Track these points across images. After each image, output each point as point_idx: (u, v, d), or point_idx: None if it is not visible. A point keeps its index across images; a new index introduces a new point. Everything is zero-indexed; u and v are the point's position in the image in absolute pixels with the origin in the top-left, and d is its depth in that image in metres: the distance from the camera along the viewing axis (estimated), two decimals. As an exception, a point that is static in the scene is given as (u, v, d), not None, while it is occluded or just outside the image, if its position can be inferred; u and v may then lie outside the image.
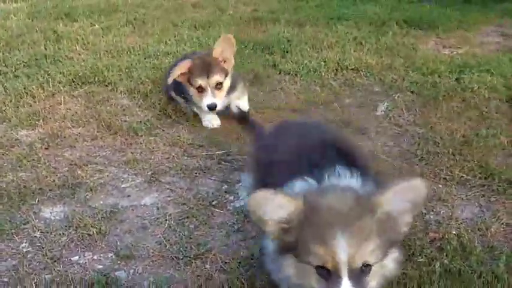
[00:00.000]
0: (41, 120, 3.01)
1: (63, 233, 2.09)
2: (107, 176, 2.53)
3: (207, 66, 2.81)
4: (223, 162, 2.67)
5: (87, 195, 2.36)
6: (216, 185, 2.47)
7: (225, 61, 2.88)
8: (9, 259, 1.96)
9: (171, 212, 2.25)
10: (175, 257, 1.97)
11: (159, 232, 2.12)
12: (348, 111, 3.27)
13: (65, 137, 2.86)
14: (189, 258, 1.96)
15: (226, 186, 2.46)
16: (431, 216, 2.22)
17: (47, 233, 2.09)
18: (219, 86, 2.85)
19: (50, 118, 3.06)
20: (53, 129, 2.91)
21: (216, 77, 2.83)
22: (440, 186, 2.44)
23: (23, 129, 2.95)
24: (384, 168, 2.58)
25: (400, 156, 2.72)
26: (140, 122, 3.03)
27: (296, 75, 3.80)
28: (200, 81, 2.81)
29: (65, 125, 2.98)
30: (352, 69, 3.90)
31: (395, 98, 3.43)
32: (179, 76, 2.84)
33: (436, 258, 1.89)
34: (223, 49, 2.85)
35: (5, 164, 2.59)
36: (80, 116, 3.10)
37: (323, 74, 3.81)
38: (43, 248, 2.01)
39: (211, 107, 2.83)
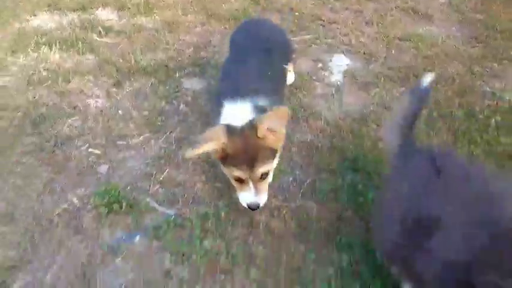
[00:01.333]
0: (155, 9, 3.58)
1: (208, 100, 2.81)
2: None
3: (249, 153, 1.85)
4: (313, 45, 3.26)
5: (212, 72, 3.02)
6: (311, 63, 3.09)
7: (272, 132, 1.87)
8: (175, 116, 2.70)
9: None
10: (295, 116, 2.69)
11: (278, 99, 2.80)
12: (414, -3, 3.71)
13: (180, 23, 3.44)
14: (305, 116, 2.67)
15: (320, 64, 3.08)
16: (487, 89, 2.84)
17: (196, 98, 2.81)
18: (264, 176, 1.95)
19: (162, 7, 3.62)
20: (168, 17, 3.49)
21: (262, 169, 1.90)
22: (496, 65, 3.01)
23: (141, 17, 3.53)
24: (450, 52, 3.14)
25: (463, 41, 3.25)
26: (237, 10, 3.57)
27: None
28: (239, 174, 1.90)
29: (177, 13, 3.55)
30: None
31: (458, -15, 3.82)
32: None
33: (491, 117, 2.56)
34: (272, 124, 1.83)
35: (141, 46, 3.23)
36: (185, 4, 3.64)
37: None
38: (198, 110, 2.74)
39: (252, 207, 1.98)
